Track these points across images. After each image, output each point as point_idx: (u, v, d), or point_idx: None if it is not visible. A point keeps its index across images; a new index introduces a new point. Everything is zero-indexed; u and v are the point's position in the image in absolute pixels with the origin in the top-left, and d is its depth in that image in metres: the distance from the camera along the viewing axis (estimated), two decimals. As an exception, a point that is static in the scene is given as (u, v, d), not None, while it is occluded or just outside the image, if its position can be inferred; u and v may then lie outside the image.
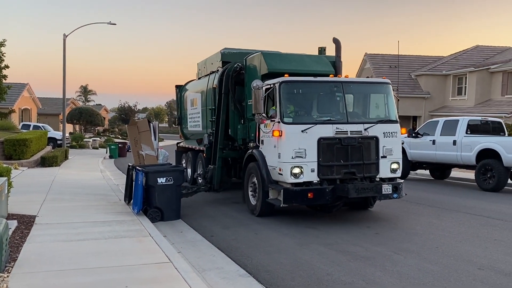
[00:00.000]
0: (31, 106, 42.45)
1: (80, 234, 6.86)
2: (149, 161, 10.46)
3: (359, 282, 5.23)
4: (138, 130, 10.93)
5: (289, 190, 7.91)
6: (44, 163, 18.37)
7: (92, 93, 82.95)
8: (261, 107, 8.19)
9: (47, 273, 5.06)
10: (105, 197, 10.76)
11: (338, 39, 9.59)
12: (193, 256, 6.28)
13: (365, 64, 36.38)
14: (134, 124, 11.13)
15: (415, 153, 15.45)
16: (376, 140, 8.31)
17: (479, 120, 14.60)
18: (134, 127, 11.10)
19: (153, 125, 11.03)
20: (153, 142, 10.81)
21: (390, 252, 6.44)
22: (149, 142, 10.72)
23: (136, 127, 11.03)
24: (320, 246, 6.78)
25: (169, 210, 8.59)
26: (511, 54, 32.06)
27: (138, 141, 10.87)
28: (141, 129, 10.89)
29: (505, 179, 12.71)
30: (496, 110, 26.92)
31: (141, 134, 10.87)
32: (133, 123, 11.07)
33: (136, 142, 10.89)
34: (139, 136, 10.88)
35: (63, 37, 25.37)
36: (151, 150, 10.70)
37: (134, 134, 11.02)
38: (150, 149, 10.67)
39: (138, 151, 10.83)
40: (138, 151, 10.81)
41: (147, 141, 10.77)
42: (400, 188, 8.37)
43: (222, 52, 11.89)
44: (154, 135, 10.84)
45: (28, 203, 9.23)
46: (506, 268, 5.76)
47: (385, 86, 8.90)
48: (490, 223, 8.54)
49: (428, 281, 5.27)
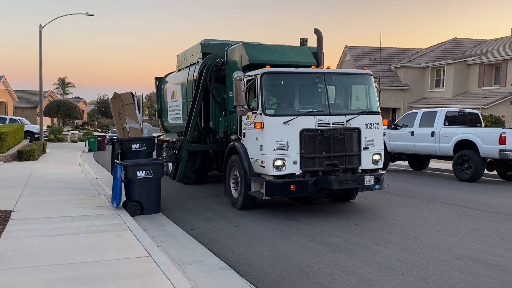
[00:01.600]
0: (7, 99, 41.44)
1: (58, 229, 6.72)
2: (134, 134, 10.38)
3: (339, 273, 5.27)
4: (122, 103, 10.74)
5: (271, 183, 7.90)
6: (21, 157, 17.96)
7: (71, 86, 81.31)
8: (243, 99, 8.13)
9: (23, 270, 4.95)
10: (84, 191, 10.58)
11: (319, 30, 9.57)
12: (173, 250, 6.23)
13: (345, 56, 36.60)
14: (118, 97, 10.88)
15: (394, 145, 15.64)
16: (358, 132, 8.35)
17: (457, 112, 14.85)
18: (117, 100, 10.87)
19: (137, 98, 10.85)
20: (138, 115, 10.68)
21: (369, 243, 6.50)
22: (133, 115, 10.58)
23: (120, 99, 10.81)
24: (300, 238, 6.81)
25: (149, 203, 8.50)
26: (488, 46, 32.69)
27: (122, 114, 10.71)
28: (125, 102, 10.72)
29: (481, 170, 12.98)
30: (473, 102, 27.48)
31: (125, 107, 10.70)
32: (116, 96, 10.82)
33: (120, 115, 10.72)
34: (123, 109, 10.71)
35: (39, 28, 24.76)
36: (135, 124, 10.58)
37: (117, 107, 10.82)
38: (134, 123, 10.55)
39: (122, 124, 10.68)
40: (123, 124, 10.66)
41: (131, 114, 10.61)
42: (382, 180, 8.45)
43: (203, 43, 11.77)
44: (138, 109, 10.71)
45: (4, 198, 9.00)
46: (482, 257, 5.88)
47: (367, 77, 8.93)
48: (467, 213, 8.71)
49: (406, 271, 5.34)
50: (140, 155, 9.64)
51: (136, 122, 10.52)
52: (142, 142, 9.77)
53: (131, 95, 10.80)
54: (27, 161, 17.61)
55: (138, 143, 9.71)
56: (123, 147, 9.64)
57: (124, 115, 10.59)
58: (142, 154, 9.69)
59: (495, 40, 33.88)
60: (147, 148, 9.82)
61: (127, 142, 9.75)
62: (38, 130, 27.60)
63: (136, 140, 9.75)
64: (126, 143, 9.72)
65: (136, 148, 9.62)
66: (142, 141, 9.77)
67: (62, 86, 79.51)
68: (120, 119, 10.71)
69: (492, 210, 8.91)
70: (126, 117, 10.55)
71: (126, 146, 9.66)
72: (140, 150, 9.67)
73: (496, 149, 12.35)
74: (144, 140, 9.91)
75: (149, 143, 9.97)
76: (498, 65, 29.17)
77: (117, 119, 10.83)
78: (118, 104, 10.75)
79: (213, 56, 10.96)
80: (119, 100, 10.78)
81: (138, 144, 9.68)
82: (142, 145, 9.70)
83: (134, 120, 10.53)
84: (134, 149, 9.60)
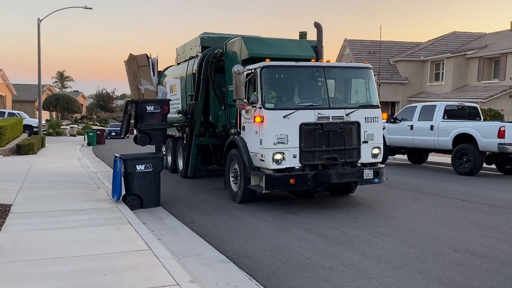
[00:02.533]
0: (6, 93, 41.31)
1: (58, 222, 6.74)
2: (149, 96, 10.41)
3: (338, 266, 5.29)
4: (137, 64, 10.74)
5: (271, 176, 7.91)
6: (20, 151, 17.95)
7: (69, 79, 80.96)
8: (242, 92, 8.12)
9: (24, 263, 4.96)
10: (84, 185, 10.59)
11: (319, 24, 9.54)
12: (173, 243, 6.25)
13: (344, 50, 36.51)
14: (133, 59, 10.88)
15: (393, 138, 15.65)
16: (358, 125, 8.35)
17: (456, 106, 14.85)
18: (133, 62, 10.87)
19: (152, 60, 10.87)
20: (152, 78, 10.71)
21: (368, 236, 6.53)
22: (148, 78, 10.60)
23: (135, 61, 10.81)
24: (300, 231, 6.83)
25: (149, 197, 8.52)
26: (487, 40, 32.62)
27: (137, 76, 10.72)
28: (140, 64, 10.73)
29: (480, 163, 13.00)
30: (472, 96, 27.46)
31: (140, 69, 10.71)
32: (131, 57, 10.83)
33: (135, 76, 10.72)
34: (138, 70, 10.72)
35: (37, 22, 24.62)
36: (150, 85, 10.60)
37: (133, 68, 10.83)
38: (149, 84, 10.57)
39: (137, 86, 10.69)
40: (138, 86, 10.68)
41: (146, 76, 10.63)
42: (381, 173, 8.47)
43: (202, 36, 11.73)
44: (153, 71, 10.74)
45: (3, 192, 9.01)
46: (481, 249, 5.91)
47: (366, 71, 8.92)
48: (466, 206, 8.74)
49: (405, 264, 5.36)
50: (154, 118, 9.68)
51: (151, 84, 10.56)
52: (157, 104, 9.75)
53: (146, 57, 10.79)
54: (26, 155, 17.61)
55: (153, 105, 9.69)
56: (138, 108, 9.60)
57: (139, 77, 10.60)
58: (156, 117, 9.72)
59: (495, 33, 33.81)
60: (162, 111, 9.79)
61: (142, 103, 9.72)
62: (37, 124, 27.52)
63: (151, 102, 9.72)
64: (141, 105, 9.68)
65: (151, 110, 9.59)
66: (157, 103, 9.75)
67: (60, 80, 79.21)
68: (135, 80, 10.73)
69: (490, 204, 8.94)
70: (141, 79, 10.56)
71: (141, 107, 9.63)
72: (155, 112, 9.65)
73: (495, 143, 12.37)
74: (159, 102, 9.86)
75: (163, 106, 9.94)
76: (497, 58, 29.12)
77: (132, 81, 10.82)
78: (133, 66, 10.77)
79: (212, 50, 10.92)
80: (134, 62, 10.78)
81: (153, 106, 9.66)
82: (156, 107, 9.67)
83: (149, 82, 10.56)
84: (149, 111, 9.58)
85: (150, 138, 9.73)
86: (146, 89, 10.32)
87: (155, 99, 9.96)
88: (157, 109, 9.64)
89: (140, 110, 9.56)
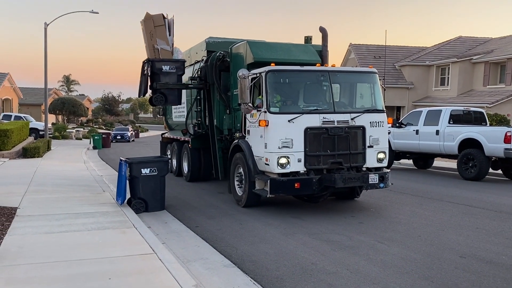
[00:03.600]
0: (12, 97, 41.58)
1: (63, 226, 6.76)
2: (164, 55, 10.56)
3: (343, 271, 5.27)
4: (153, 24, 10.81)
5: (275, 180, 7.90)
6: (26, 154, 18.04)
7: (75, 83, 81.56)
8: (247, 96, 8.12)
9: (29, 266, 4.98)
10: (89, 188, 10.62)
11: (324, 28, 9.54)
12: (178, 247, 6.25)
13: (349, 54, 36.47)
14: (150, 18, 10.96)
15: (398, 143, 15.60)
16: (363, 130, 8.33)
17: (462, 110, 14.78)
18: (149, 21, 10.95)
19: (168, 21, 10.95)
20: (168, 38, 10.79)
21: (374, 241, 6.50)
22: (164, 37, 10.69)
23: (151, 20, 10.90)
24: (304, 236, 6.81)
25: (154, 201, 8.53)
26: (493, 45, 32.49)
27: (153, 35, 10.79)
28: (157, 23, 10.82)
29: (486, 169, 12.92)
30: (478, 100, 27.32)
31: (156, 29, 10.80)
32: (148, 16, 10.93)
33: (151, 35, 10.80)
34: (154, 30, 10.81)
35: (44, 26, 24.82)
36: (166, 45, 10.69)
37: (149, 27, 10.91)
38: (165, 44, 10.66)
39: (153, 45, 10.76)
40: (154, 45, 10.75)
41: (162, 36, 10.72)
42: (387, 178, 8.43)
43: (207, 41, 11.75)
44: (169, 31, 10.82)
45: (9, 195, 9.06)
46: (487, 256, 5.86)
47: (371, 75, 8.90)
48: (472, 211, 8.68)
49: (411, 269, 5.33)
50: (170, 77, 9.95)
51: (166, 44, 10.65)
52: (173, 64, 10.00)
53: (162, 17, 10.87)
54: (32, 158, 17.69)
55: (168, 64, 9.97)
56: (154, 67, 9.82)
57: (155, 37, 10.68)
58: (172, 77, 9.97)
59: (501, 38, 33.65)
60: (177, 71, 10.09)
61: (158, 62, 9.94)
62: (43, 127, 27.67)
63: (167, 62, 9.97)
64: (157, 64, 9.93)
65: (167, 69, 9.86)
66: (173, 63, 10.00)
67: (66, 84, 79.74)
68: (152, 40, 10.81)
69: (496, 209, 8.87)
70: (157, 39, 10.64)
71: (157, 66, 9.89)
72: (171, 72, 9.93)
73: (501, 148, 12.29)
74: (175, 62, 10.09)
75: (179, 66, 10.19)
76: (503, 63, 28.97)
77: (148, 40, 10.89)
78: (149, 25, 10.86)
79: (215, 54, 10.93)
80: (150, 21, 10.87)
81: (169, 66, 9.95)
82: (172, 67, 9.97)
83: (165, 42, 10.64)
84: (164, 71, 9.86)
85: (165, 98, 10.03)
86: (162, 48, 10.46)
87: (171, 59, 10.18)
88: (172, 69, 9.98)
89: (156, 70, 9.86)
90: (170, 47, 10.57)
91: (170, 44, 10.61)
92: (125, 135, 38.58)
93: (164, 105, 10.28)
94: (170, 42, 10.59)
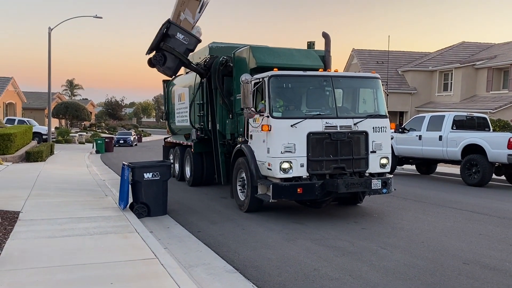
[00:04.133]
0: (16, 101, 41.77)
1: (65, 230, 6.76)
2: (184, 25, 10.75)
3: (346, 277, 5.24)
4: None
5: (278, 185, 7.89)
6: (29, 158, 18.10)
7: (79, 87, 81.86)
8: (250, 101, 8.13)
9: (31, 270, 4.97)
10: (91, 193, 10.63)
11: (327, 33, 9.57)
12: (180, 252, 6.24)
13: (352, 59, 36.50)
14: None
15: (401, 149, 15.56)
16: (366, 135, 8.32)
17: (465, 116, 14.74)
18: None
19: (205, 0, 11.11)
20: (197, 13, 10.96)
21: (376, 247, 6.47)
22: (194, 11, 10.91)
23: None
24: (307, 241, 6.79)
25: (156, 205, 8.52)
26: (496, 50, 32.46)
27: (184, 4, 10.94)
28: None
29: (489, 174, 12.87)
30: (481, 106, 27.26)
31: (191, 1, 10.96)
32: None
33: (183, 3, 10.93)
34: (188, 1, 10.98)
35: (48, 31, 24.97)
36: (191, 18, 10.90)
37: None
38: (191, 17, 10.85)
39: (180, 12, 10.94)
40: (181, 12, 10.92)
41: (192, 9, 10.96)
42: (390, 183, 8.41)
43: (210, 46, 11.79)
44: (200, 8, 10.98)
45: (12, 199, 9.07)
46: (491, 262, 5.82)
47: (374, 80, 8.90)
48: (475, 217, 8.63)
49: (414, 276, 5.30)
50: (178, 46, 10.21)
51: (192, 18, 10.84)
52: (188, 36, 10.26)
53: None
54: (35, 162, 17.75)
55: (184, 35, 10.21)
56: (169, 29, 10.06)
57: (186, 6, 10.80)
58: (180, 47, 10.23)
59: (504, 44, 33.62)
60: (188, 45, 10.37)
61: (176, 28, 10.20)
62: (46, 131, 27.77)
63: (184, 32, 10.21)
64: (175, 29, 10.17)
65: (179, 38, 10.17)
66: (189, 36, 10.25)
67: (70, 88, 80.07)
68: (181, 7, 10.94)
69: (500, 215, 8.83)
70: (187, 9, 10.78)
71: (172, 31, 10.12)
72: (183, 42, 10.24)
73: (505, 154, 12.25)
74: (190, 36, 10.33)
75: (192, 42, 10.39)
76: (506, 69, 28.93)
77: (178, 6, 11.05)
78: None
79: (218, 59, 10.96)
80: None
81: (183, 36, 10.20)
82: (186, 39, 10.26)
83: (192, 15, 10.82)
84: (177, 38, 10.17)
85: (164, 61, 10.25)
86: (185, 19, 10.64)
87: (188, 31, 10.40)
88: (185, 41, 10.21)
89: (171, 33, 10.12)
90: (194, 21, 10.81)
91: (195, 20, 10.85)
92: (128, 140, 38.65)
93: (161, 66, 10.36)
94: (196, 18, 10.88)
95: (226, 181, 10.65)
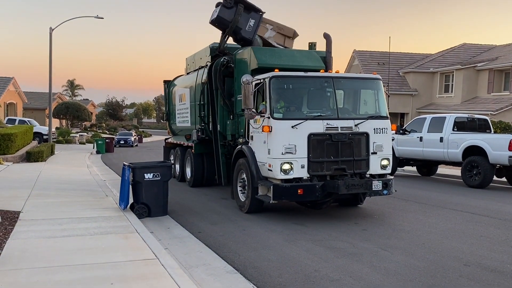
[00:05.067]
0: (17, 101, 41.82)
1: (66, 230, 6.75)
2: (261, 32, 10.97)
3: (346, 278, 5.23)
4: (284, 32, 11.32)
5: (279, 187, 7.88)
6: (29, 158, 18.11)
7: (79, 88, 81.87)
8: (251, 102, 8.13)
9: (31, 270, 4.97)
10: (92, 193, 10.63)
11: (328, 34, 9.57)
12: (180, 253, 6.23)
13: (353, 61, 36.50)
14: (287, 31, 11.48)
15: (402, 150, 15.55)
16: (367, 136, 8.32)
17: (466, 118, 14.73)
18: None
19: (277, 28, 11.38)
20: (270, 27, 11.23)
21: (377, 249, 6.46)
22: (274, 28, 11.22)
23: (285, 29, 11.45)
24: (307, 242, 6.78)
25: (156, 206, 8.52)
26: (497, 52, 32.45)
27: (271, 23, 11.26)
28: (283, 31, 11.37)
29: (490, 176, 12.85)
30: (482, 108, 27.25)
31: (278, 35, 11.24)
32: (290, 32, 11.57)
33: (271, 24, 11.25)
34: (277, 25, 11.29)
35: (49, 31, 24.99)
36: (270, 26, 11.17)
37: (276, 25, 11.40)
38: (271, 28, 11.08)
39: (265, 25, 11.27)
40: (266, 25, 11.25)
41: (277, 38, 11.14)
42: (390, 185, 8.40)
43: (211, 46, 11.79)
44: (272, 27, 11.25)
45: (13, 199, 9.07)
46: (492, 264, 5.81)
47: (376, 82, 8.90)
48: (476, 219, 8.62)
49: (414, 277, 5.29)
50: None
51: (270, 26, 11.19)
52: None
53: (293, 32, 11.33)
54: (36, 162, 17.75)
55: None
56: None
57: (275, 30, 11.02)
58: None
59: (505, 46, 33.61)
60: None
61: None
62: (47, 131, 27.81)
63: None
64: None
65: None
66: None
67: (71, 88, 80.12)
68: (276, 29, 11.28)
69: (501, 217, 8.81)
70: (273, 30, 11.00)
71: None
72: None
73: (506, 156, 12.23)
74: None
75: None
76: (507, 71, 28.92)
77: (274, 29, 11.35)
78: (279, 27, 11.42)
79: (219, 60, 10.97)
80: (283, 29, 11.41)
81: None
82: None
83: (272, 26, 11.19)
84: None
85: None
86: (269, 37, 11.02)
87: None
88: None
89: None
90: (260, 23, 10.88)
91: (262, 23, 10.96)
92: (128, 140, 38.66)
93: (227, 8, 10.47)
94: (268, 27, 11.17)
95: (227, 182, 10.63)
